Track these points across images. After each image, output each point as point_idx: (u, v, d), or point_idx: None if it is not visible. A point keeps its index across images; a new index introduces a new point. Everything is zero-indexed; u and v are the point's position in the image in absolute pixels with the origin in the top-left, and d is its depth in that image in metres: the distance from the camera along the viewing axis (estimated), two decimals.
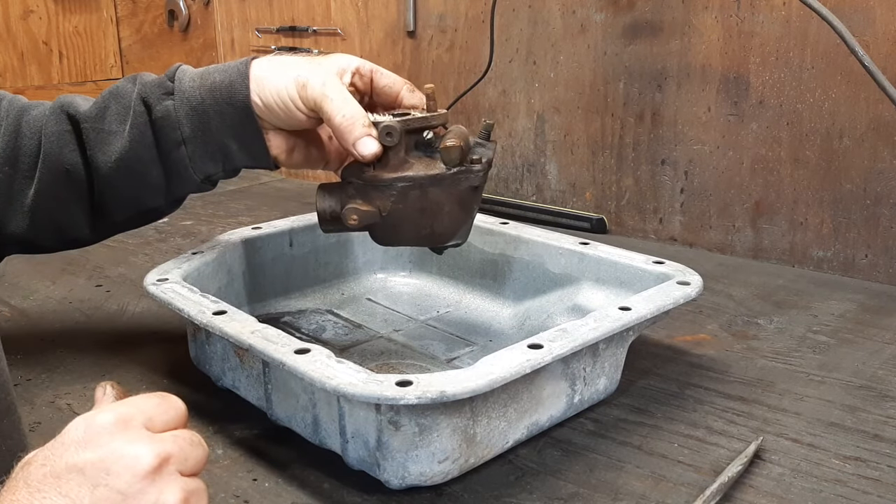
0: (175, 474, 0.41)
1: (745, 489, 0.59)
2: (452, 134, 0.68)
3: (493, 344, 0.80)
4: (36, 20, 1.64)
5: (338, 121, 0.66)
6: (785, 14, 1.01)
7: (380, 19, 1.43)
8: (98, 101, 0.72)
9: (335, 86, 0.68)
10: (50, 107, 0.73)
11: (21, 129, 0.72)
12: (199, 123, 0.70)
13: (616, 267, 0.79)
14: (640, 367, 0.76)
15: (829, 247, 1.03)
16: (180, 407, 0.44)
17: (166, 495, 0.40)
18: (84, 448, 0.40)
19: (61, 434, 0.41)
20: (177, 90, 0.70)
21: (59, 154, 0.71)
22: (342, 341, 0.81)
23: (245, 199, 1.43)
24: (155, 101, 0.70)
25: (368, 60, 0.73)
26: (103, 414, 0.41)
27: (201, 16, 1.76)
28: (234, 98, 0.69)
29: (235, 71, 0.70)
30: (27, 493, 0.38)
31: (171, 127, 0.70)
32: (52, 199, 0.72)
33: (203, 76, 0.71)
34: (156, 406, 0.43)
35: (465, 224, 0.72)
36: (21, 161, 0.72)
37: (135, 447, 0.40)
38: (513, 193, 1.32)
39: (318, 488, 0.59)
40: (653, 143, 1.15)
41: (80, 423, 0.41)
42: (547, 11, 1.21)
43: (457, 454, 0.57)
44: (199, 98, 0.70)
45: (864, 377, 0.75)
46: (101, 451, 0.39)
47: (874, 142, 0.97)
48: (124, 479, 0.39)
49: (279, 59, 0.71)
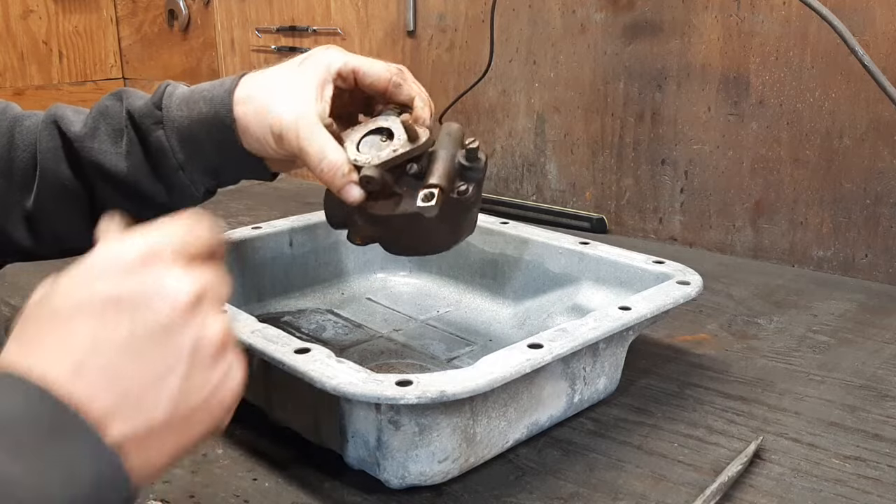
0: (213, 308, 0.39)
1: (745, 489, 0.59)
2: (436, 170, 0.64)
3: (493, 344, 0.80)
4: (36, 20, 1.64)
5: (317, 172, 0.65)
6: (785, 14, 1.01)
7: (380, 19, 1.43)
8: (88, 122, 0.71)
9: (309, 134, 0.65)
10: (42, 119, 0.72)
11: (14, 140, 0.71)
12: (192, 149, 0.69)
13: (616, 267, 0.79)
14: (640, 367, 0.76)
15: (829, 246, 1.03)
16: (209, 232, 0.41)
17: (208, 329, 0.38)
18: (117, 279, 0.37)
19: (84, 266, 0.38)
20: (166, 119, 0.69)
21: (56, 170, 0.70)
22: (342, 341, 0.81)
23: (245, 199, 1.43)
24: (146, 130, 0.69)
25: (358, 56, 0.69)
26: (132, 242, 0.39)
27: (201, 15, 1.76)
28: (223, 134, 0.68)
29: (221, 108, 0.67)
30: (59, 324, 0.36)
31: (165, 155, 0.69)
32: (51, 213, 0.72)
33: (190, 104, 0.69)
34: (186, 233, 0.40)
35: (461, 237, 0.72)
36: (15, 173, 0.71)
37: (173, 279, 0.38)
38: (513, 193, 1.33)
39: (318, 488, 0.59)
40: (653, 142, 1.15)
41: (106, 253, 0.38)
42: (547, 11, 1.21)
43: (457, 454, 0.57)
44: (188, 128, 0.68)
45: (864, 377, 0.75)
46: (136, 282, 0.37)
47: (874, 142, 0.97)
48: (165, 311, 0.37)
49: (260, 95, 0.67)
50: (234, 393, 0.40)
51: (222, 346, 0.39)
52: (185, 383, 0.37)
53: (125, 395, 0.36)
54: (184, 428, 0.38)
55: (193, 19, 1.77)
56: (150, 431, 0.36)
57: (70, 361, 0.35)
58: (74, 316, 0.36)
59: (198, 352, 0.38)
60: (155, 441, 0.37)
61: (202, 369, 0.38)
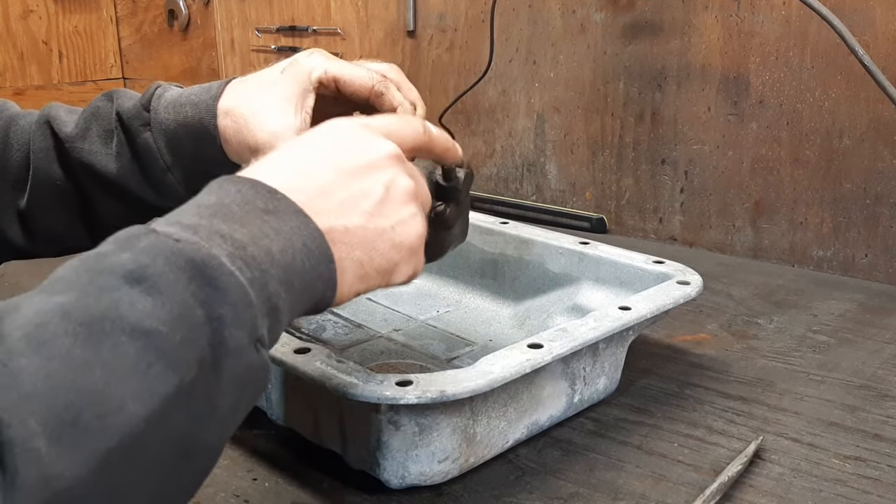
0: (408, 170, 0.48)
1: (745, 489, 0.59)
2: None
3: (493, 344, 0.80)
4: (36, 20, 1.64)
5: None
6: (785, 14, 1.01)
7: (380, 19, 1.43)
8: (80, 122, 0.71)
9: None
10: (36, 119, 0.72)
11: (9, 139, 0.72)
12: (178, 152, 0.69)
13: (616, 266, 0.79)
14: (640, 367, 0.76)
15: (828, 246, 1.03)
16: (419, 127, 0.51)
17: (403, 177, 0.47)
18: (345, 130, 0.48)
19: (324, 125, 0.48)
20: (153, 121, 0.69)
21: (48, 170, 0.71)
22: (342, 341, 0.81)
23: None
24: (135, 131, 0.69)
25: (341, 63, 0.68)
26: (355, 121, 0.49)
27: (201, 15, 1.76)
28: (206, 142, 0.67)
29: (205, 112, 0.67)
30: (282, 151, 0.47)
31: (153, 157, 0.69)
32: (44, 212, 0.72)
33: (177, 108, 0.68)
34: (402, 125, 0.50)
35: (443, 253, 0.70)
36: (9, 172, 0.72)
37: (384, 141, 0.48)
38: (513, 193, 1.33)
39: (318, 488, 0.59)
40: (653, 142, 1.15)
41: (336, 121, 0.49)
42: (547, 11, 1.21)
43: (457, 454, 0.57)
44: (174, 131, 0.68)
45: (864, 377, 0.75)
46: (358, 134, 0.48)
47: (874, 142, 0.97)
48: (373, 153, 0.47)
49: (240, 106, 0.67)
50: (417, 234, 0.48)
51: (413, 195, 0.48)
52: (377, 207, 0.46)
53: (328, 198, 0.44)
54: (375, 245, 0.45)
55: (193, 19, 1.77)
56: (346, 232, 0.44)
57: (286, 169, 0.45)
58: (301, 144, 0.47)
59: (392, 188, 0.46)
60: (352, 244, 0.44)
61: (393, 203, 0.46)
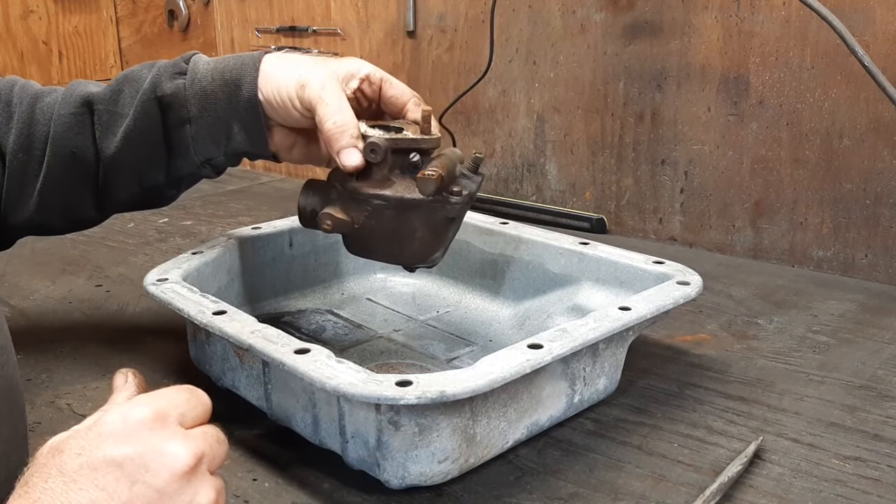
0: (206, 473, 0.42)
1: (745, 489, 0.59)
2: (438, 162, 0.67)
3: (493, 344, 0.80)
4: (36, 20, 1.64)
5: (327, 126, 0.67)
6: (785, 14, 1.01)
7: (380, 19, 1.43)
8: (112, 85, 0.74)
9: (333, 91, 0.68)
10: (63, 92, 0.75)
11: (35, 115, 0.74)
12: (206, 105, 0.71)
13: (616, 267, 0.79)
14: (640, 367, 0.76)
15: (828, 247, 1.03)
16: (207, 402, 0.45)
17: (201, 496, 0.41)
18: (122, 442, 0.40)
19: (95, 423, 0.41)
20: (190, 71, 0.72)
21: (66, 137, 0.73)
22: (342, 341, 0.81)
23: (245, 199, 1.43)
24: (166, 79, 0.72)
25: (373, 64, 0.73)
26: (140, 408, 0.42)
27: (201, 16, 1.76)
28: (242, 88, 0.70)
29: (248, 61, 0.71)
30: (62, 483, 0.38)
31: (179, 105, 0.71)
32: (58, 182, 0.74)
33: (217, 61, 0.73)
34: (187, 401, 0.44)
35: (437, 251, 0.71)
36: (35, 147, 0.74)
37: (173, 445, 0.40)
38: (513, 193, 1.32)
39: (318, 488, 0.59)
40: (653, 143, 1.15)
41: (116, 415, 0.41)
42: (547, 11, 1.21)
43: (457, 454, 0.57)
44: (209, 80, 0.71)
45: (864, 377, 0.75)
46: (139, 446, 0.40)
47: (874, 142, 0.97)
48: (162, 477, 0.39)
49: (291, 57, 0.72)
50: None
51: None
52: None
53: None
54: None
55: (193, 19, 1.77)
56: None
57: None
58: (78, 477, 0.39)
59: None
60: None
61: None
